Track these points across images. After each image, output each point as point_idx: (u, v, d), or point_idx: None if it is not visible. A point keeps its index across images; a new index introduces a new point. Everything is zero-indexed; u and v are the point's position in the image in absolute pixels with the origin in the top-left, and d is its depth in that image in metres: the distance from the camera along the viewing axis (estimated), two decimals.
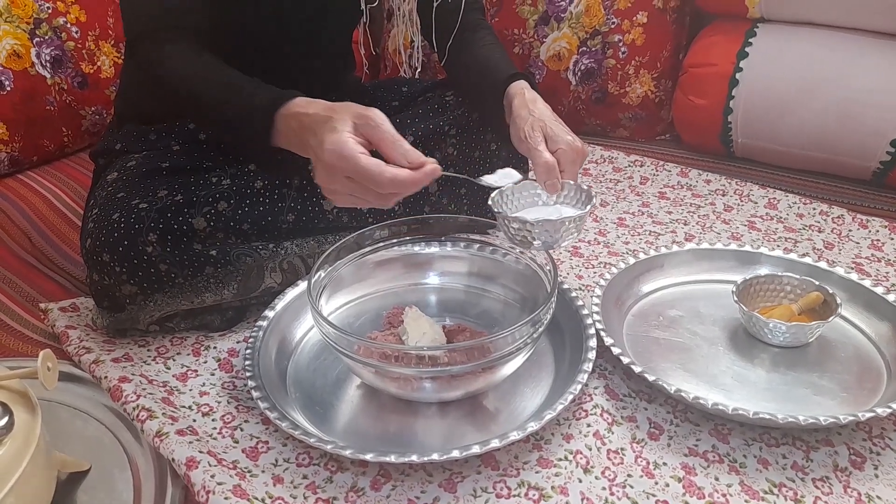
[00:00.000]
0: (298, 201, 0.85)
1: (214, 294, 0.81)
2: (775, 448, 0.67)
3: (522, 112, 0.80)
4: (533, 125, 0.78)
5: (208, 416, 0.72)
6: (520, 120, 0.80)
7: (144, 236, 0.75)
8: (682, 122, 1.38)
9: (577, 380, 0.70)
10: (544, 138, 0.77)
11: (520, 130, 0.79)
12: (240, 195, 0.81)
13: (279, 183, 0.84)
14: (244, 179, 0.83)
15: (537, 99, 0.83)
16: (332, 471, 0.66)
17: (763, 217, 1.11)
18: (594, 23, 1.36)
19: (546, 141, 0.77)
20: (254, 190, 0.83)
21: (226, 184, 0.82)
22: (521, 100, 0.82)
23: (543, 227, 0.69)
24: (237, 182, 0.82)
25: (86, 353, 0.78)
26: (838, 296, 0.79)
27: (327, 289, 0.79)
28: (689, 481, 0.64)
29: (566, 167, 0.75)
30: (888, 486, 0.63)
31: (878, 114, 1.15)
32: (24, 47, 1.20)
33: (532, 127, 0.78)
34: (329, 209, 0.87)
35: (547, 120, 0.79)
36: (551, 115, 0.81)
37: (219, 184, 0.81)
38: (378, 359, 0.67)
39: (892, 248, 1.01)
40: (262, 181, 0.83)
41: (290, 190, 0.85)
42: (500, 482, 0.64)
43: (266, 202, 0.83)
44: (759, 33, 1.27)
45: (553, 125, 0.78)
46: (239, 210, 0.81)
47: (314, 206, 0.86)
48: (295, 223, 0.85)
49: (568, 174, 0.75)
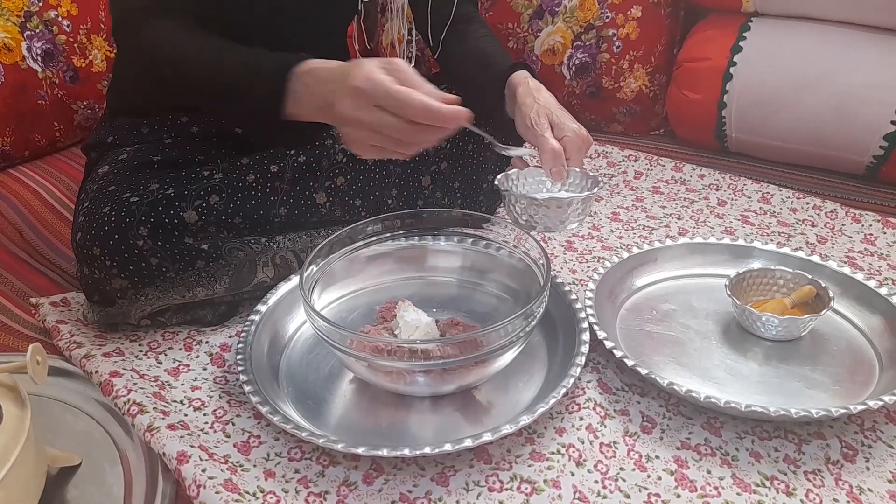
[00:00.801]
0: (291, 195, 0.85)
1: (206, 288, 0.80)
2: (767, 441, 0.67)
3: (527, 100, 0.80)
4: (539, 112, 0.77)
5: (200, 410, 0.72)
6: (525, 108, 0.79)
7: (135, 230, 0.75)
8: (676, 117, 1.38)
9: (569, 373, 0.70)
10: (550, 125, 0.76)
11: (525, 118, 0.78)
12: (232, 188, 0.81)
13: (271, 176, 0.84)
14: (236, 173, 0.82)
15: (541, 87, 0.83)
16: (324, 465, 0.65)
17: (757, 211, 1.11)
18: (588, 17, 1.36)
19: (552, 128, 0.76)
20: (246, 183, 0.82)
21: (218, 177, 0.81)
22: (526, 88, 0.82)
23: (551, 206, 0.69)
24: (229, 176, 0.82)
25: (77, 347, 0.78)
26: (831, 289, 0.79)
27: (320, 283, 0.79)
28: (682, 474, 0.64)
29: (572, 154, 0.75)
30: (879, 479, 0.64)
31: (872, 108, 1.15)
32: (15, 41, 1.19)
33: (538, 114, 0.77)
34: (322, 202, 0.87)
35: (552, 107, 0.79)
36: (556, 103, 0.81)
37: (210, 177, 0.81)
38: (370, 352, 0.66)
39: (884, 243, 1.01)
40: (254, 175, 0.83)
41: (283, 183, 0.84)
42: (492, 476, 0.64)
43: (258, 196, 0.83)
44: (752, 28, 1.27)
45: (558, 113, 0.78)
46: (231, 203, 0.81)
47: (307, 199, 0.86)
48: (287, 217, 0.85)
49: (574, 161, 0.75)
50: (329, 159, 0.87)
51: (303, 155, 0.86)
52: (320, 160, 0.86)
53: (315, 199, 0.86)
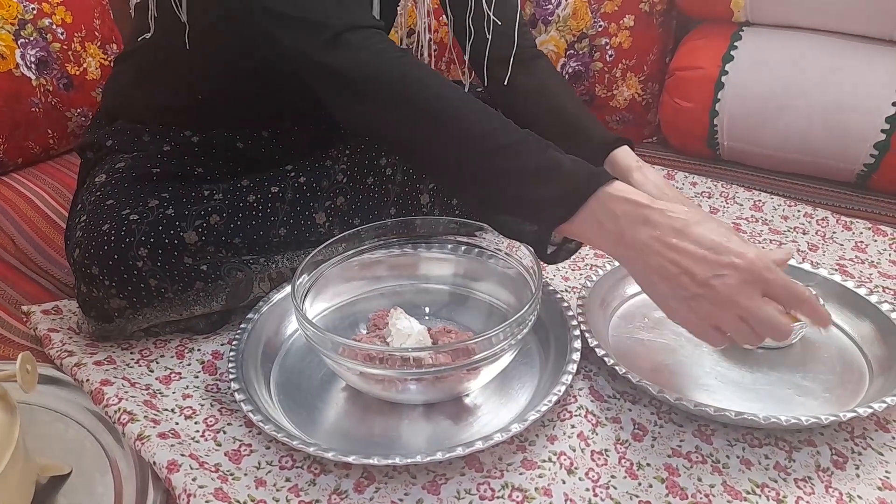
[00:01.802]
0: (291, 215, 0.85)
1: (203, 307, 0.81)
2: (758, 448, 0.67)
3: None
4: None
5: (191, 419, 0.71)
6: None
7: (135, 250, 0.75)
8: (668, 125, 1.38)
9: (561, 381, 0.70)
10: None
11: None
12: (232, 209, 0.81)
13: (272, 197, 0.84)
14: (237, 193, 0.82)
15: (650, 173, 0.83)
16: (316, 473, 0.65)
17: (748, 219, 1.11)
18: (581, 26, 1.36)
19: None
20: (246, 204, 0.82)
21: (218, 198, 0.81)
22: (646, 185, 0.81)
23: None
24: (229, 196, 0.82)
25: (68, 356, 0.78)
26: (821, 296, 0.80)
27: (312, 291, 0.79)
28: (673, 482, 0.64)
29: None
30: (869, 486, 0.64)
31: (862, 117, 1.16)
32: (9, 48, 1.19)
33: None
34: (321, 222, 0.87)
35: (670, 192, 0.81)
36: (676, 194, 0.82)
37: (211, 197, 0.81)
38: (362, 361, 0.66)
39: (875, 250, 1.02)
40: (254, 195, 0.83)
41: (283, 204, 0.84)
42: (483, 484, 0.64)
43: (259, 216, 0.83)
44: (744, 37, 1.28)
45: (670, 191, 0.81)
46: (231, 224, 0.80)
47: (306, 220, 0.86)
48: (286, 237, 0.85)
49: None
50: (329, 179, 0.87)
51: (303, 175, 0.86)
52: (321, 180, 0.86)
53: (315, 219, 0.86)
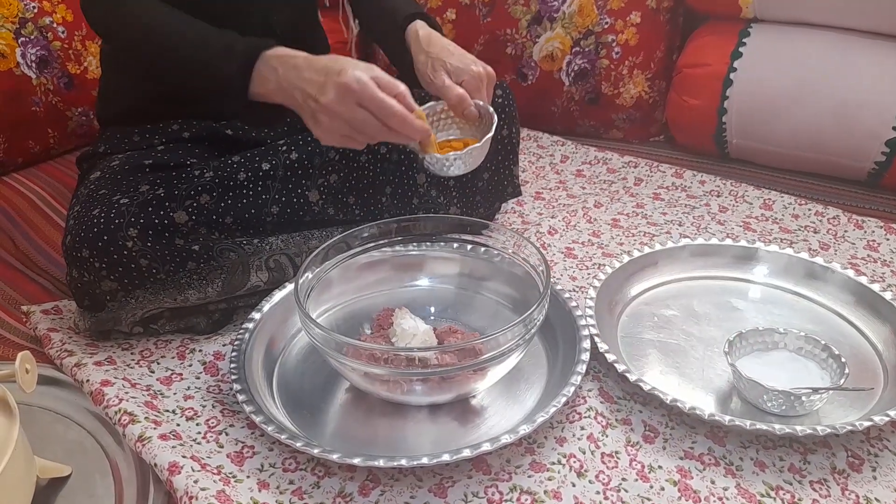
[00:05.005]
0: (283, 193, 0.83)
1: (198, 291, 0.79)
2: (772, 450, 0.66)
3: (420, 57, 0.84)
4: (434, 66, 0.81)
5: (192, 420, 0.70)
6: (419, 64, 0.83)
7: (124, 231, 0.74)
8: (676, 123, 1.37)
9: (570, 382, 0.69)
10: (447, 74, 0.80)
11: (423, 75, 0.83)
12: (223, 187, 0.80)
13: (263, 175, 0.83)
14: (227, 171, 0.81)
15: (432, 36, 0.85)
16: (320, 476, 0.64)
17: (758, 218, 1.10)
18: (587, 23, 1.35)
19: (451, 75, 0.80)
20: (237, 182, 0.81)
21: (208, 176, 0.80)
22: (417, 44, 0.85)
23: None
24: (219, 174, 0.81)
25: (68, 356, 0.76)
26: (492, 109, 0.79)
27: (315, 290, 0.78)
28: (685, 485, 0.63)
29: (475, 93, 0.80)
30: (887, 488, 0.62)
31: (873, 114, 1.14)
32: (10, 47, 1.18)
33: (433, 68, 0.81)
34: (314, 200, 0.86)
35: (445, 56, 0.82)
36: (451, 48, 0.84)
37: (201, 176, 0.80)
38: (367, 361, 0.65)
39: (887, 249, 1.00)
40: (245, 173, 0.82)
41: (275, 182, 0.83)
42: (491, 487, 0.62)
43: (249, 194, 0.82)
44: (752, 33, 1.26)
45: (452, 59, 0.82)
46: (222, 203, 0.79)
47: (299, 197, 0.85)
48: (279, 216, 0.83)
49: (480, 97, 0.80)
50: (321, 157, 0.86)
51: (295, 152, 0.85)
52: (312, 158, 0.85)
53: (308, 196, 0.85)
